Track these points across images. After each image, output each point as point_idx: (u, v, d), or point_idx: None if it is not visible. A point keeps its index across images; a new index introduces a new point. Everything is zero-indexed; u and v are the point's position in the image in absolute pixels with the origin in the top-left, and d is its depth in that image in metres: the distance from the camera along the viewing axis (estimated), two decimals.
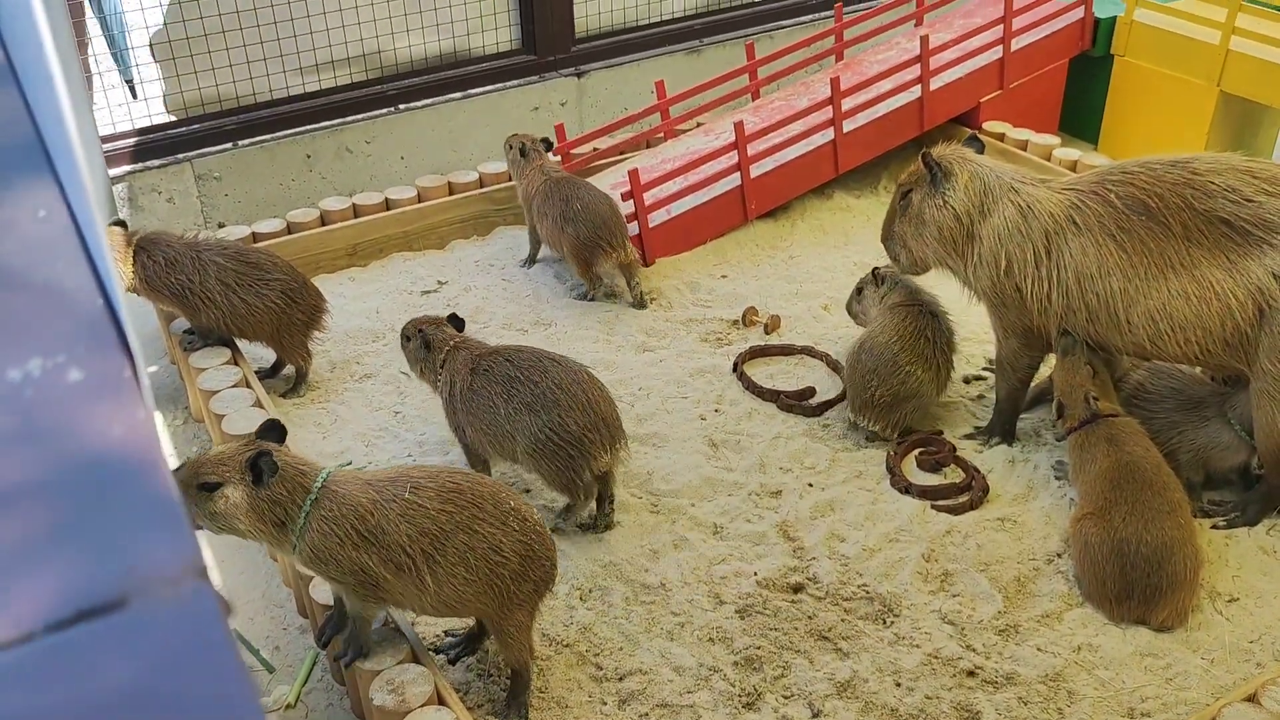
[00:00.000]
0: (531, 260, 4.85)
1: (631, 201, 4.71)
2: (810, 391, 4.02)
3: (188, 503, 2.52)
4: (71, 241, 0.72)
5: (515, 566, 2.65)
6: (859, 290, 4.09)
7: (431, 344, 3.49)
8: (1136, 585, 3.01)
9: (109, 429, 0.57)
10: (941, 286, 3.88)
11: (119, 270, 3.85)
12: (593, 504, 3.42)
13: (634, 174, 4.69)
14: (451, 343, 3.49)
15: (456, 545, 2.59)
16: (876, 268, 4.03)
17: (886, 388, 3.67)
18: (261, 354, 4.20)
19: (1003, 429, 3.77)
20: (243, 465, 2.52)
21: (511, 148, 4.75)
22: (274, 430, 2.73)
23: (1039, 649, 3.00)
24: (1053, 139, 5.39)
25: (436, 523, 2.58)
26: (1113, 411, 3.35)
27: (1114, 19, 5.63)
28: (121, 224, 3.94)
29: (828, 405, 3.96)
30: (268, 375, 4.15)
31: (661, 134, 5.43)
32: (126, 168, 4.82)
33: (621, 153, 5.36)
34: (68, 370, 0.62)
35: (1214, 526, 3.40)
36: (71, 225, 0.74)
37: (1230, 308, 3.13)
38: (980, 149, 3.74)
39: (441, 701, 2.65)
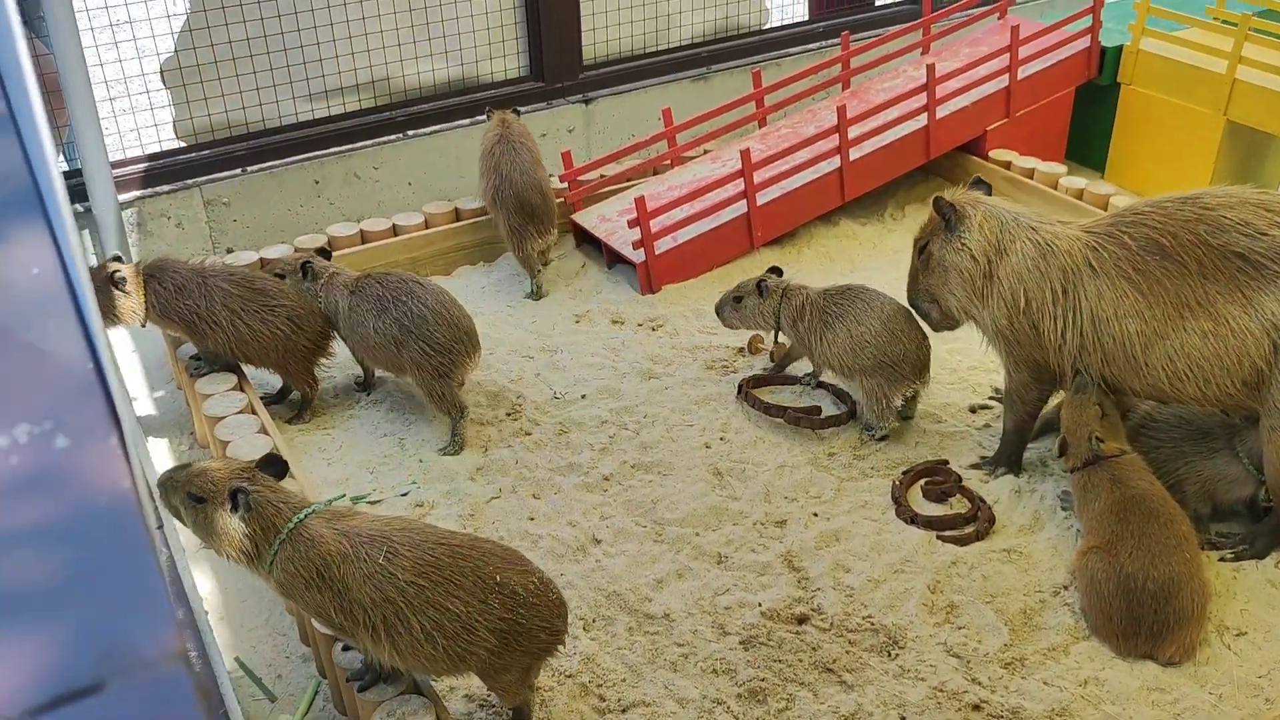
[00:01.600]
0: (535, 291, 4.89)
1: (638, 229, 4.72)
2: (817, 409, 4.02)
3: (177, 504, 2.59)
4: (64, 300, 0.72)
5: (493, 644, 2.57)
6: (739, 299, 4.14)
7: (312, 272, 4.07)
8: (1144, 621, 2.99)
9: (92, 500, 0.57)
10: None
11: (134, 304, 3.86)
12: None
13: (640, 201, 4.70)
14: (329, 271, 4.09)
15: (423, 622, 2.53)
16: (762, 279, 4.10)
17: (919, 337, 3.86)
18: (267, 380, 4.21)
19: (1009, 459, 3.76)
20: (225, 493, 2.58)
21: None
22: (274, 464, 2.75)
23: (1045, 683, 2.97)
24: (1059, 167, 5.40)
25: (404, 595, 2.52)
26: (1117, 452, 3.33)
27: (1120, 48, 5.64)
28: (117, 259, 3.96)
29: (835, 420, 3.95)
30: (274, 401, 4.16)
31: (668, 161, 5.45)
32: (136, 193, 4.85)
33: (628, 179, 5.37)
34: (54, 437, 0.62)
35: (1222, 559, 3.37)
36: (65, 282, 0.74)
37: (1247, 345, 3.12)
38: (988, 191, 3.73)
39: None
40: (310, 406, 4.10)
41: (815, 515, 3.59)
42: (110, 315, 3.84)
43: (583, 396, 4.18)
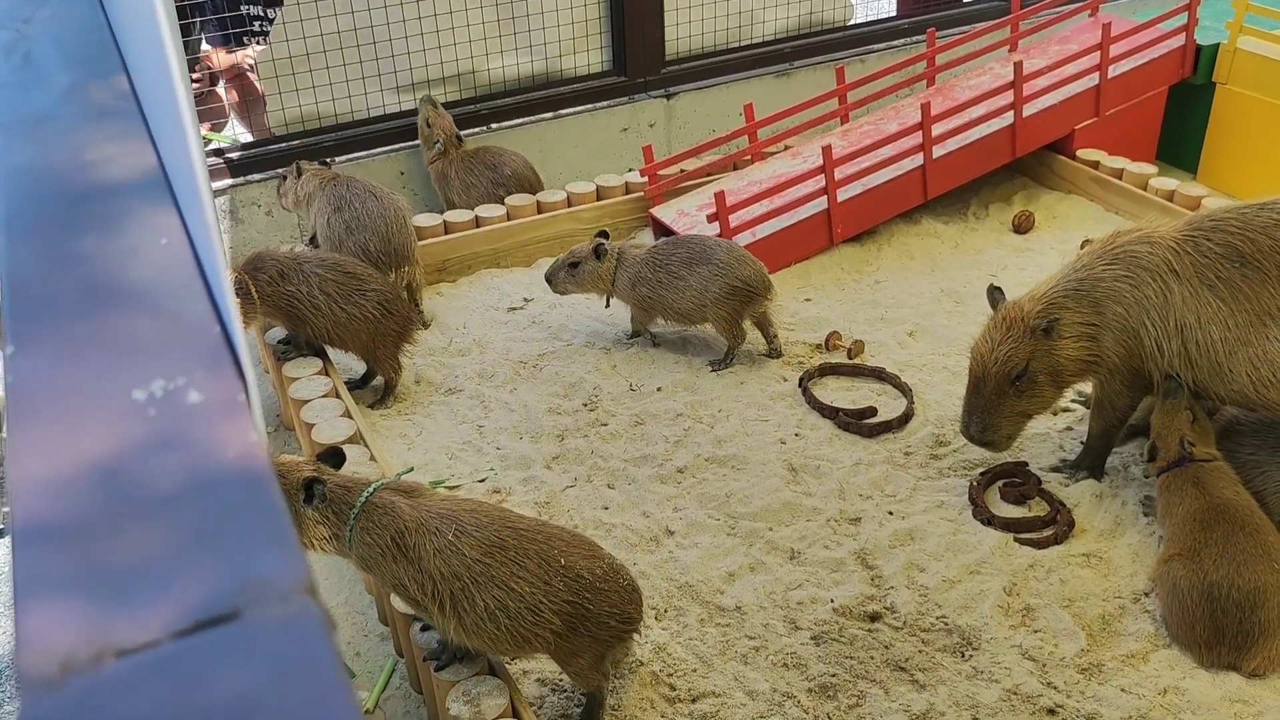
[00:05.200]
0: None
1: (717, 223, 4.73)
2: (870, 411, 3.99)
3: None
4: (191, 268, 0.77)
5: (558, 626, 2.63)
6: (574, 264, 4.30)
7: (303, 172, 4.66)
8: (1227, 631, 2.93)
9: (224, 450, 0.61)
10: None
11: (243, 306, 3.94)
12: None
13: (720, 196, 4.71)
14: (319, 173, 4.64)
15: (487, 600, 2.59)
16: (598, 243, 4.28)
17: (755, 259, 4.27)
18: (352, 365, 4.31)
19: (1092, 464, 3.70)
20: (298, 483, 2.64)
21: None
22: (334, 456, 2.85)
23: (1123, 690, 2.93)
24: (1149, 168, 5.28)
25: (471, 572, 2.59)
26: (1208, 456, 3.27)
27: (1216, 46, 5.50)
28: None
29: (885, 427, 3.92)
30: (357, 386, 4.25)
31: (749, 156, 5.44)
32: (228, 181, 4.99)
33: (709, 174, 5.39)
34: (187, 392, 0.66)
35: None
36: (190, 252, 0.79)
37: None
38: (1002, 293, 3.62)
39: (516, 715, 2.69)
40: (394, 392, 4.18)
41: (890, 514, 3.57)
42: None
43: (658, 389, 4.21)
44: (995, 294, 3.63)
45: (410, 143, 5.30)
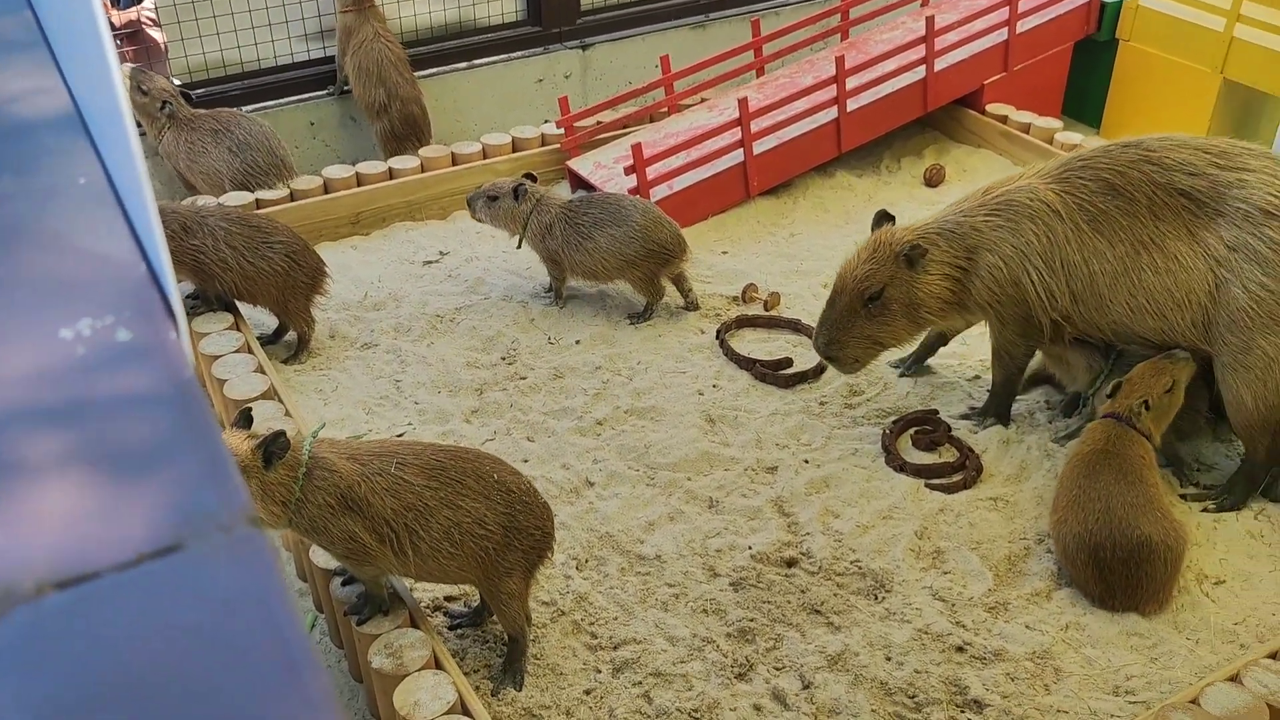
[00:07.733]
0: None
1: (634, 176, 4.72)
2: (787, 362, 4.06)
3: None
4: (112, 207, 0.75)
5: (499, 538, 2.71)
6: (494, 198, 4.28)
7: (172, 111, 4.72)
8: (1116, 587, 3.04)
9: (158, 387, 0.60)
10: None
11: None
12: None
13: (637, 148, 4.70)
14: (180, 113, 4.72)
15: (441, 521, 2.65)
16: (519, 184, 4.27)
17: (671, 221, 4.27)
18: (263, 320, 4.22)
19: (998, 411, 3.81)
20: (253, 451, 2.55)
21: None
22: (244, 419, 2.75)
23: (1027, 626, 3.04)
24: (1055, 122, 5.41)
25: (421, 499, 2.65)
26: (1146, 432, 3.29)
27: (1119, 3, 5.63)
28: None
29: (800, 377, 3.99)
30: (269, 341, 4.17)
31: (665, 109, 5.43)
32: None
33: (625, 127, 5.36)
34: (116, 330, 0.65)
35: (1204, 510, 3.44)
36: (111, 192, 0.77)
37: (1192, 281, 3.25)
38: (892, 220, 3.68)
39: (439, 666, 2.69)
40: (307, 346, 4.12)
41: (806, 462, 3.64)
42: None
43: (577, 342, 4.21)
44: (881, 219, 3.70)
45: (320, 93, 5.18)
